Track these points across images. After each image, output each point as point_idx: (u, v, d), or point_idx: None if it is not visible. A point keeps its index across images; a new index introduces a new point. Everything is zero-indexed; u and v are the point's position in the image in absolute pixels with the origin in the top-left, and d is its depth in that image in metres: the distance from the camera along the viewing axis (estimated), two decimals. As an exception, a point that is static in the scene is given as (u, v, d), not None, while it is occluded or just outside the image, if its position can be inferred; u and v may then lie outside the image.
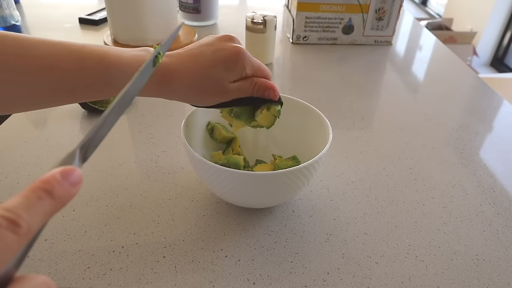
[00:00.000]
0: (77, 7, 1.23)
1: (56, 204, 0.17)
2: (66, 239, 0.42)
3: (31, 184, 0.17)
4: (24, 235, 0.15)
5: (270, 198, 0.43)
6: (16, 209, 0.16)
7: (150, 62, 0.29)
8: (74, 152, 0.20)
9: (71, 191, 0.18)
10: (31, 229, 0.16)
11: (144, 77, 0.28)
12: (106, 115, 0.22)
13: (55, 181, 0.17)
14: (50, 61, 0.34)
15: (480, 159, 0.59)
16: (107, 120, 0.22)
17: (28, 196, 0.16)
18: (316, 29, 0.99)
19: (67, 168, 0.18)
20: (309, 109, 0.49)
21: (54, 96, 0.36)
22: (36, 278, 0.16)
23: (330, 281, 0.39)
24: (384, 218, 0.47)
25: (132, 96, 0.26)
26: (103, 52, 0.36)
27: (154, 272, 0.39)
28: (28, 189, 0.17)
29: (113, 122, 0.23)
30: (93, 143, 0.21)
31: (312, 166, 0.40)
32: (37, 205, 0.16)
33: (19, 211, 0.16)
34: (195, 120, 0.48)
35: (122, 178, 0.51)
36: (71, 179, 0.18)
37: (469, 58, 2.79)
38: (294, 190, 0.43)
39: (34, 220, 0.16)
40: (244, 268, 0.40)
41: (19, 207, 0.16)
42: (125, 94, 0.24)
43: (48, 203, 0.17)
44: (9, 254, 0.15)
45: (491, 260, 0.43)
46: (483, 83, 0.84)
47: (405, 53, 1.01)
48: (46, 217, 0.17)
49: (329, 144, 0.42)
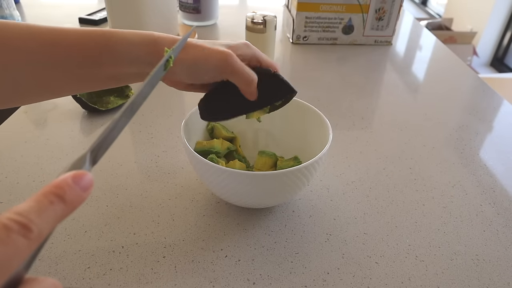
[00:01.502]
0: (77, 7, 1.23)
1: (67, 209, 0.17)
2: (66, 239, 0.42)
3: (42, 188, 0.17)
4: (35, 239, 0.16)
5: (270, 198, 0.43)
6: (28, 214, 0.16)
7: (162, 66, 0.29)
8: (85, 156, 0.20)
9: (82, 195, 0.18)
10: (41, 233, 0.16)
11: (155, 80, 0.28)
12: (118, 118, 0.22)
13: (67, 185, 0.17)
14: (53, 37, 0.35)
15: (480, 159, 0.59)
16: (118, 123, 0.22)
17: (39, 201, 0.16)
18: (316, 29, 0.99)
19: (78, 173, 0.18)
20: (309, 109, 0.49)
21: (64, 76, 0.37)
22: (45, 281, 0.17)
23: (330, 281, 0.39)
24: (384, 218, 0.47)
25: (143, 99, 0.26)
26: (106, 30, 0.37)
27: (154, 272, 0.39)
28: (39, 194, 0.17)
29: (124, 125, 0.23)
30: (104, 146, 0.21)
31: (312, 166, 0.40)
32: (48, 210, 0.16)
33: (30, 216, 0.16)
34: (195, 120, 0.48)
35: (122, 178, 0.51)
36: (82, 183, 0.18)
37: (469, 58, 2.79)
38: (294, 190, 0.43)
39: (45, 225, 0.16)
40: (244, 268, 0.40)
41: (30, 211, 0.16)
42: (137, 97, 0.24)
43: (59, 207, 0.17)
44: (20, 258, 0.15)
45: (491, 260, 0.43)
46: (483, 83, 0.84)
47: (405, 53, 1.01)
48: (57, 222, 0.17)
49: (329, 144, 0.42)
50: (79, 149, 0.57)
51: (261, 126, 0.54)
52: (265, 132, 0.55)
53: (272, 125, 0.54)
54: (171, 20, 0.89)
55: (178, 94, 0.73)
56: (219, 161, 0.47)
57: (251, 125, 0.54)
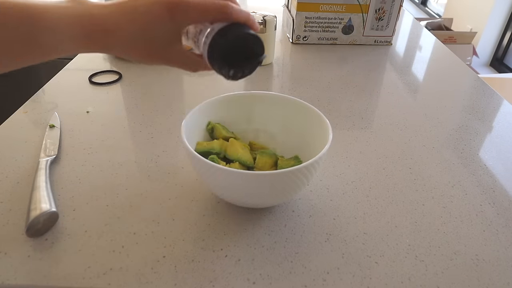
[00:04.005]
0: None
1: None
2: (66, 238, 0.42)
3: None
4: None
5: (270, 198, 0.43)
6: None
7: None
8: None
9: None
10: None
11: None
12: None
13: None
14: None
15: (480, 159, 0.59)
16: None
17: None
18: (316, 29, 0.99)
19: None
20: (309, 109, 0.49)
21: None
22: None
23: (330, 281, 0.39)
24: (384, 218, 0.47)
25: None
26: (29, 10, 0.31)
27: (154, 271, 0.39)
28: None
29: None
30: None
31: (312, 165, 0.40)
32: None
33: None
34: (195, 120, 0.48)
35: (123, 178, 0.51)
36: None
37: (468, 58, 2.79)
38: (294, 189, 0.43)
39: None
40: (244, 267, 0.40)
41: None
42: None
43: None
44: None
45: (491, 260, 0.43)
46: (483, 83, 0.84)
47: (405, 53, 1.01)
48: None
49: (329, 144, 0.42)
50: (79, 148, 0.57)
51: (261, 126, 0.54)
52: (265, 132, 0.55)
53: (272, 125, 0.54)
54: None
55: (178, 94, 0.73)
56: (219, 161, 0.47)
57: (251, 125, 0.54)
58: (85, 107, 0.68)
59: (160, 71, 0.81)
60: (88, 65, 0.83)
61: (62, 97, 0.71)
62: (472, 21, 3.24)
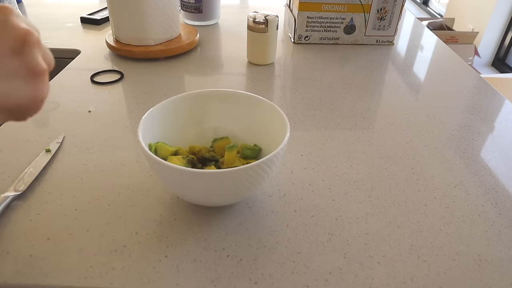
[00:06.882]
0: (78, 6, 1.23)
1: None
2: (68, 238, 0.42)
3: None
4: None
5: (221, 197, 0.42)
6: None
7: None
8: None
9: None
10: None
11: None
12: None
13: None
14: None
15: (482, 159, 0.59)
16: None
17: None
18: (318, 28, 0.98)
19: None
20: (263, 102, 0.50)
21: None
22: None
23: (332, 281, 0.39)
24: (386, 218, 0.47)
25: None
26: None
27: (156, 271, 0.39)
28: None
29: None
30: None
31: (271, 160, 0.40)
32: None
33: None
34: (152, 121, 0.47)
35: (124, 178, 0.51)
36: None
37: (470, 58, 2.79)
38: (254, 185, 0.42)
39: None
40: (246, 267, 0.40)
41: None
42: None
43: None
44: None
45: (494, 260, 0.43)
46: (485, 83, 0.84)
47: (406, 53, 1.01)
48: None
49: (287, 136, 0.43)
50: (81, 148, 0.57)
51: (219, 124, 0.53)
52: (224, 129, 0.54)
53: (229, 122, 0.53)
54: (173, 20, 0.89)
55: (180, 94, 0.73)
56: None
57: (207, 124, 0.53)
58: (87, 106, 0.68)
59: (162, 71, 0.81)
60: (90, 65, 0.83)
61: (64, 96, 0.71)
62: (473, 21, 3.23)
